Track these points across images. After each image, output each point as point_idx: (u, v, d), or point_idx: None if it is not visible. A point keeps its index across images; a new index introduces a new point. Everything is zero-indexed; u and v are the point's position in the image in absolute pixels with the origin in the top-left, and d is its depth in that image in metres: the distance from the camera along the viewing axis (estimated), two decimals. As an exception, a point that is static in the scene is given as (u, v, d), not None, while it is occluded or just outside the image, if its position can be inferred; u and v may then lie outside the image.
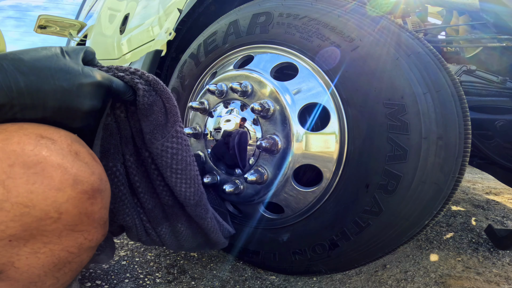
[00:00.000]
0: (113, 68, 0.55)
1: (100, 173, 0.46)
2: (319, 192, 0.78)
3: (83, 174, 0.43)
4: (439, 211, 0.69)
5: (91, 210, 0.44)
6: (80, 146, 0.45)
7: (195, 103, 0.96)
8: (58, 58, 0.44)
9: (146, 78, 0.57)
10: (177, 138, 0.62)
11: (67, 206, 0.41)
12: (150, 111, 0.57)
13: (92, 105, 0.47)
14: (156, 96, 0.57)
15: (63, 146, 0.42)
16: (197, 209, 0.69)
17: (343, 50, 0.74)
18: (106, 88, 0.50)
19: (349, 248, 0.76)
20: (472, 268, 1.01)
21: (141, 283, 0.85)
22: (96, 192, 0.44)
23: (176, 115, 0.61)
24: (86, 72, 0.46)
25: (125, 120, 0.60)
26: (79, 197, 0.42)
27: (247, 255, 0.96)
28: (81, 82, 0.45)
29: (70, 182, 0.41)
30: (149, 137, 0.59)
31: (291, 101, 0.80)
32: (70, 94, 0.44)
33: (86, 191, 0.42)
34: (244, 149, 0.86)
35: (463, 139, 0.65)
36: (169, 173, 0.62)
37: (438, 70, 0.67)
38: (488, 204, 1.72)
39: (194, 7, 1.18)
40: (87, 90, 0.46)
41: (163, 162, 0.61)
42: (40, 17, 2.43)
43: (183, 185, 0.64)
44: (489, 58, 1.00)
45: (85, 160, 0.44)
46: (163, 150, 0.60)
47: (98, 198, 0.45)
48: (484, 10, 0.87)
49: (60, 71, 0.44)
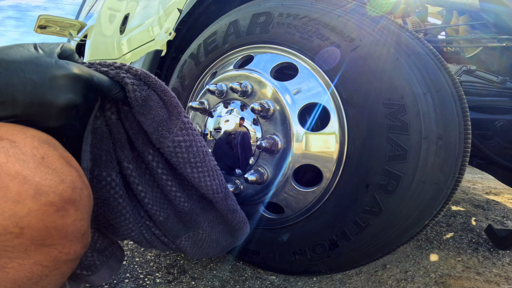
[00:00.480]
0: (96, 63, 0.51)
1: (73, 181, 0.40)
2: (319, 192, 0.78)
3: (49, 183, 0.37)
4: (439, 211, 0.69)
5: (62, 223, 0.39)
6: (49, 148, 0.40)
7: (195, 103, 0.96)
8: (30, 52, 0.42)
9: (135, 72, 0.52)
10: (186, 130, 0.57)
11: (29, 220, 0.36)
12: (147, 107, 0.52)
13: (68, 100, 0.43)
14: (149, 90, 0.52)
15: (25, 149, 0.37)
16: (228, 201, 0.64)
17: (343, 50, 0.74)
18: (85, 81, 0.46)
19: (349, 248, 0.76)
20: (472, 268, 1.01)
21: (141, 283, 0.85)
22: (67, 203, 0.39)
23: (178, 106, 0.56)
24: (60, 64, 0.43)
25: (118, 123, 0.54)
26: (44, 210, 0.36)
27: (247, 255, 0.96)
28: (54, 74, 0.42)
29: (30, 193, 0.36)
30: (155, 136, 0.54)
31: (291, 101, 0.80)
32: (42, 87, 0.41)
33: (52, 203, 0.37)
34: (249, 149, 0.86)
35: (463, 139, 0.65)
36: (190, 169, 0.57)
37: (438, 70, 0.67)
38: (488, 204, 1.72)
39: (194, 7, 1.18)
40: (62, 83, 0.43)
41: (179, 159, 0.56)
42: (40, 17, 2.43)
43: (207, 179, 0.59)
44: (489, 58, 1.00)
45: (52, 166, 0.39)
46: (176, 146, 0.55)
47: (71, 210, 0.39)
48: (484, 10, 0.87)
49: (30, 64, 0.41)
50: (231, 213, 0.66)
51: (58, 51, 0.45)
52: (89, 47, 2.32)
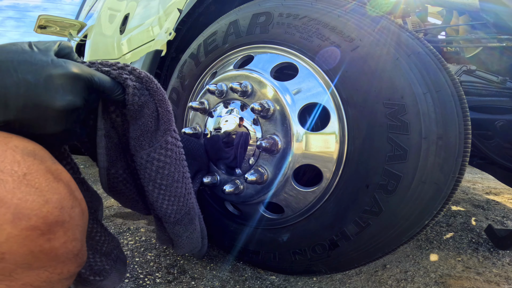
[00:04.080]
0: (97, 63, 0.49)
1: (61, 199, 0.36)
2: (319, 192, 0.78)
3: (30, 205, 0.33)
4: (439, 211, 0.69)
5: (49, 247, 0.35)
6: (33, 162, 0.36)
7: (195, 103, 0.96)
8: (24, 51, 0.38)
9: (138, 74, 0.50)
10: (166, 150, 0.55)
11: (9, 246, 0.32)
12: (140, 113, 0.50)
13: (67, 102, 0.40)
14: (148, 97, 0.50)
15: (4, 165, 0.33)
16: (176, 227, 0.64)
17: (343, 50, 0.74)
18: (85, 82, 0.42)
19: (349, 248, 0.76)
20: (472, 268, 1.01)
21: (141, 283, 0.85)
22: (53, 225, 0.35)
23: (169, 122, 0.54)
24: (56, 62, 0.40)
25: (122, 126, 0.54)
26: (25, 235, 0.33)
27: (247, 255, 0.96)
28: (50, 73, 0.38)
29: (8, 217, 0.32)
30: (134, 143, 0.52)
31: (291, 101, 0.80)
32: (37, 88, 0.37)
33: (35, 227, 0.33)
34: (245, 150, 0.86)
35: (463, 139, 0.65)
36: (151, 188, 0.56)
37: (438, 70, 0.67)
38: (488, 204, 1.72)
39: (194, 7, 1.18)
40: (59, 83, 0.39)
41: (146, 175, 0.55)
42: (40, 17, 2.43)
43: (165, 202, 0.59)
44: (489, 58, 1.00)
45: (36, 185, 0.34)
46: (148, 161, 0.54)
47: (59, 232, 0.36)
48: (484, 10, 0.87)
49: (24, 63, 0.37)
50: (174, 237, 0.67)
51: (55, 49, 0.42)
52: (89, 47, 2.32)
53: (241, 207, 0.96)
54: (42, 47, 0.41)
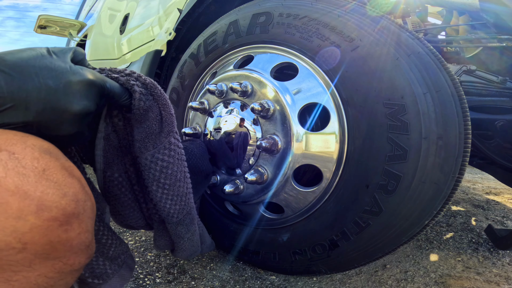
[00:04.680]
0: (107, 69, 0.52)
1: (76, 193, 0.39)
2: (319, 192, 0.78)
3: (51, 197, 0.36)
4: (439, 211, 0.69)
5: (66, 237, 0.38)
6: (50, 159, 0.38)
7: (195, 103, 0.96)
8: (43, 57, 0.41)
9: (143, 80, 0.53)
10: (169, 151, 0.58)
11: (32, 236, 0.35)
12: (145, 117, 0.53)
13: (83, 106, 0.43)
14: (152, 101, 0.53)
15: (25, 162, 0.36)
16: (178, 227, 0.66)
17: (343, 50, 0.74)
18: (99, 88, 0.45)
19: (349, 248, 0.76)
20: (472, 268, 1.01)
21: (141, 283, 0.85)
22: (70, 217, 0.38)
23: (172, 124, 0.57)
24: (74, 69, 0.42)
25: (124, 129, 0.57)
26: (47, 225, 0.35)
27: (247, 255, 0.96)
28: (69, 79, 0.41)
29: (32, 208, 0.34)
30: (139, 145, 0.55)
31: (291, 101, 0.80)
32: (56, 92, 0.40)
33: (55, 218, 0.36)
34: (244, 150, 0.86)
35: (463, 139, 0.65)
36: (155, 187, 0.58)
37: (438, 70, 0.67)
38: (488, 204, 1.72)
39: (194, 7, 1.18)
40: (76, 89, 0.42)
41: (150, 175, 0.57)
42: (40, 17, 2.43)
43: (168, 201, 0.60)
44: (489, 58, 1.00)
45: (54, 179, 0.37)
46: (152, 162, 0.56)
47: (75, 224, 0.38)
48: (484, 10, 0.87)
49: (44, 69, 0.40)
50: (176, 238, 0.68)
51: (71, 55, 0.44)
52: (89, 47, 2.32)
53: (241, 207, 0.96)
54: (59, 53, 0.43)
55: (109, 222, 0.60)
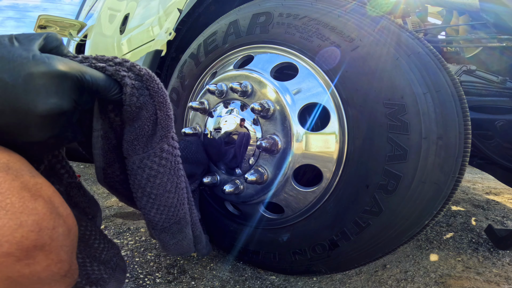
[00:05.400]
0: (91, 57, 0.43)
1: (38, 220, 0.32)
2: (319, 192, 0.78)
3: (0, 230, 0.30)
4: (439, 211, 0.69)
5: (30, 271, 0.32)
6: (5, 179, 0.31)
7: (195, 103, 0.96)
8: (1, 45, 0.33)
9: (138, 71, 0.45)
10: (160, 159, 0.50)
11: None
12: (137, 116, 0.46)
13: (51, 105, 0.34)
14: (148, 98, 0.46)
15: None
16: (162, 234, 0.60)
17: (343, 50, 0.74)
18: (74, 81, 0.37)
19: (349, 248, 0.76)
20: (472, 268, 1.01)
21: (141, 283, 0.85)
22: (30, 250, 0.31)
23: (167, 128, 0.50)
24: (39, 58, 0.34)
25: (122, 125, 0.50)
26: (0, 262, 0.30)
27: (247, 255, 0.96)
28: (30, 71, 0.32)
29: None
30: (127, 146, 0.48)
31: (291, 101, 0.80)
32: (14, 89, 0.32)
33: (8, 254, 0.30)
34: (245, 150, 0.86)
35: (463, 139, 0.65)
36: (140, 195, 0.52)
37: (438, 70, 0.67)
38: (488, 204, 1.72)
39: (194, 7, 1.18)
40: (41, 83, 0.33)
41: (135, 181, 0.51)
42: (40, 17, 2.43)
43: (153, 210, 0.54)
44: (489, 58, 1.00)
45: (7, 206, 0.30)
46: (139, 168, 0.49)
47: (39, 256, 0.32)
48: (484, 10, 0.87)
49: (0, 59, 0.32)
50: (161, 242, 0.63)
51: (40, 42, 0.36)
52: (89, 47, 2.32)
53: (241, 207, 0.96)
54: (24, 40, 0.35)
55: (100, 225, 0.58)
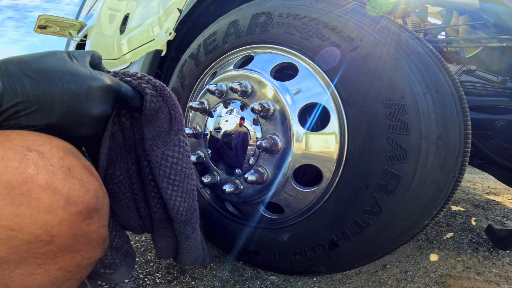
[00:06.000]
0: (120, 73, 0.54)
1: (96, 190, 0.42)
2: (319, 192, 0.78)
3: (77, 193, 0.39)
4: (439, 211, 0.69)
5: (88, 231, 0.41)
6: (73, 159, 0.41)
7: (195, 103, 0.96)
8: (65, 61, 0.43)
9: (153, 83, 0.55)
10: (179, 147, 0.60)
11: (60, 229, 0.37)
12: (155, 117, 0.56)
13: (101, 110, 0.45)
14: (162, 102, 0.56)
15: (53, 161, 0.39)
16: (186, 227, 0.67)
17: (343, 50, 0.74)
18: (115, 92, 0.48)
19: (349, 248, 0.76)
20: (472, 268, 1.01)
21: (141, 283, 0.85)
22: (92, 211, 0.41)
23: (181, 123, 0.60)
24: (94, 75, 0.45)
25: (130, 128, 0.59)
26: (73, 219, 0.38)
27: (247, 255, 0.96)
28: (90, 85, 0.43)
29: (61, 203, 0.37)
30: (150, 143, 0.57)
31: (291, 101, 0.80)
32: (79, 97, 0.42)
33: (80, 212, 0.39)
34: (244, 150, 0.86)
35: (463, 139, 0.65)
36: (166, 184, 0.60)
37: (438, 70, 0.67)
38: (488, 204, 1.72)
39: (194, 7, 1.18)
40: (97, 94, 0.44)
41: (161, 172, 0.59)
42: (40, 17, 2.43)
43: (178, 199, 0.62)
44: (489, 58, 1.00)
45: (78, 177, 0.40)
46: (162, 159, 0.58)
47: (95, 218, 0.41)
48: (484, 10, 0.87)
49: (68, 74, 0.42)
50: (183, 238, 0.69)
51: (89, 59, 0.47)
52: (89, 47, 2.32)
53: (241, 207, 0.96)
54: (79, 57, 0.45)
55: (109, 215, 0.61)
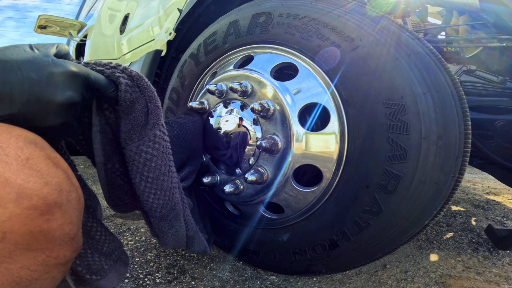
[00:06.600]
0: (91, 63, 0.52)
1: (60, 183, 0.39)
2: (319, 192, 0.78)
3: (32, 185, 0.36)
4: (439, 211, 0.69)
5: (47, 227, 0.37)
6: (35, 149, 0.39)
7: (195, 103, 0.96)
8: (26, 52, 0.42)
9: (129, 73, 0.53)
10: (153, 143, 0.57)
11: (11, 225, 0.34)
12: (131, 109, 0.54)
13: (67, 96, 0.44)
14: (139, 93, 0.54)
15: (8, 150, 0.36)
16: (161, 222, 0.65)
17: (343, 50, 0.74)
18: (82, 79, 0.46)
19: (349, 248, 0.76)
20: (472, 268, 1.01)
21: (141, 283, 0.85)
22: (52, 206, 0.37)
23: (157, 117, 0.57)
24: (56, 62, 0.44)
25: (115, 121, 0.57)
26: (27, 214, 0.35)
27: (247, 255, 0.96)
28: (52, 71, 0.42)
29: (12, 196, 0.34)
30: (124, 136, 0.55)
31: (291, 101, 0.80)
32: (39, 84, 0.41)
33: (35, 207, 0.36)
34: (243, 150, 0.86)
35: (463, 139, 0.65)
36: (138, 180, 0.58)
37: (438, 70, 0.67)
38: (488, 204, 1.72)
39: (194, 7, 1.18)
40: (59, 80, 0.43)
41: (133, 167, 0.57)
42: (40, 17, 2.43)
43: (151, 195, 0.60)
44: (489, 58, 1.00)
45: (37, 168, 0.37)
46: (136, 154, 0.56)
47: (57, 214, 0.38)
48: (484, 10, 0.87)
49: (27, 62, 0.41)
50: (160, 232, 0.67)
51: (53, 51, 0.46)
52: (89, 47, 2.32)
53: (241, 207, 0.96)
54: (42, 49, 0.44)
55: (101, 218, 0.61)
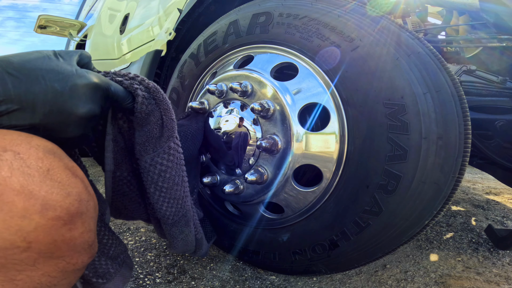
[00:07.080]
0: (111, 72, 0.53)
1: (79, 193, 0.40)
2: (319, 192, 0.78)
3: (55, 197, 0.37)
4: (439, 211, 0.69)
5: (70, 236, 0.39)
6: (54, 159, 0.39)
7: (195, 103, 0.96)
8: (50, 59, 0.42)
9: (146, 84, 0.54)
10: (168, 155, 0.59)
11: (37, 235, 0.35)
12: (146, 121, 0.54)
13: (88, 109, 0.44)
14: (154, 106, 0.54)
15: (30, 162, 0.36)
16: (172, 229, 0.68)
17: (343, 50, 0.74)
18: (103, 91, 0.46)
19: (349, 248, 0.76)
20: (472, 268, 1.01)
21: (141, 283, 0.85)
22: (74, 216, 0.38)
23: (172, 130, 0.58)
24: (80, 73, 0.43)
25: (128, 131, 0.58)
26: (51, 225, 0.36)
27: (247, 255, 0.96)
28: (75, 83, 0.42)
29: (37, 208, 0.35)
30: (139, 148, 0.56)
31: (291, 101, 0.80)
32: (63, 95, 0.41)
33: (59, 217, 0.37)
34: (244, 150, 0.86)
35: (463, 139, 0.65)
36: (153, 190, 0.60)
37: (438, 70, 0.67)
38: (488, 204, 1.72)
39: (194, 7, 1.18)
40: (82, 92, 0.43)
41: (149, 178, 0.58)
42: (40, 17, 2.43)
43: (164, 204, 0.62)
44: (489, 58, 1.00)
45: (58, 179, 0.38)
46: (151, 165, 0.57)
47: (78, 223, 0.39)
48: (484, 10, 0.87)
49: (51, 72, 0.40)
50: (170, 238, 0.70)
51: (76, 58, 0.45)
52: (89, 47, 2.32)
53: (241, 207, 0.96)
54: (66, 56, 0.44)
55: (109, 222, 0.62)
